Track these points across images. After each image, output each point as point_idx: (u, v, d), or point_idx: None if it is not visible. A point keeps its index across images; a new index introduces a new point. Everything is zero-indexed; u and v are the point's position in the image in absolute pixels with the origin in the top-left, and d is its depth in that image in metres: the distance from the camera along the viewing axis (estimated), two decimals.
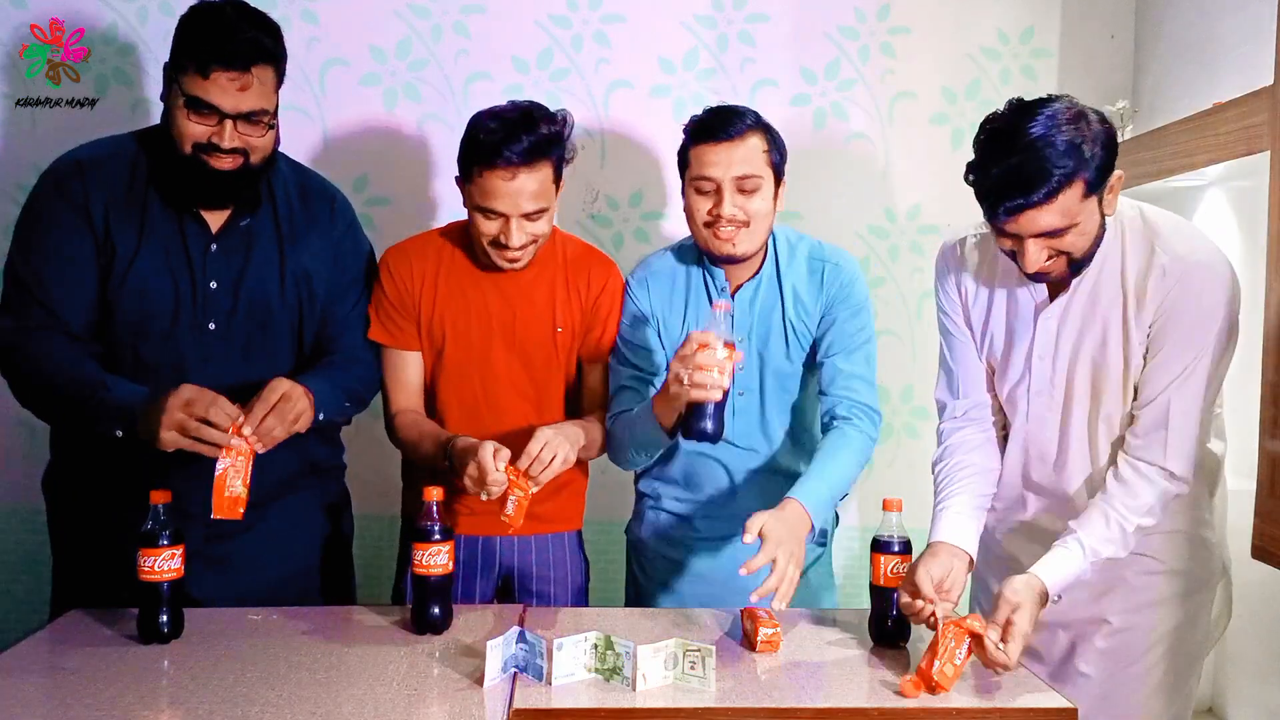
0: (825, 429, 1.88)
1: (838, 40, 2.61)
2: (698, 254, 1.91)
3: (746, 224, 1.80)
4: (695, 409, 1.63)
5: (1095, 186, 1.51)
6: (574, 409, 1.97)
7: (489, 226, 1.78)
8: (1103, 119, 1.53)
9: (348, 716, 1.34)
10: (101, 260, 1.70)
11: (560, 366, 1.92)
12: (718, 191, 1.79)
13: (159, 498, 1.56)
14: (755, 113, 1.84)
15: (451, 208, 1.80)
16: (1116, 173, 1.55)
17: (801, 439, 1.95)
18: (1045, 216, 1.49)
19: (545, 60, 2.59)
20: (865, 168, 2.63)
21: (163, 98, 1.69)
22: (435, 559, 1.63)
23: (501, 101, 2.53)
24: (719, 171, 1.78)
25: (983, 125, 1.56)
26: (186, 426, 1.54)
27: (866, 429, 1.86)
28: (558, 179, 1.81)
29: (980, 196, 1.53)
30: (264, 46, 1.65)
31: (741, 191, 1.79)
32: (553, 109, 1.80)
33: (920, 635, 1.66)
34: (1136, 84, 2.62)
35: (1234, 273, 1.61)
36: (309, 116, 2.57)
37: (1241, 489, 2.03)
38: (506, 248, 1.78)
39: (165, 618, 1.56)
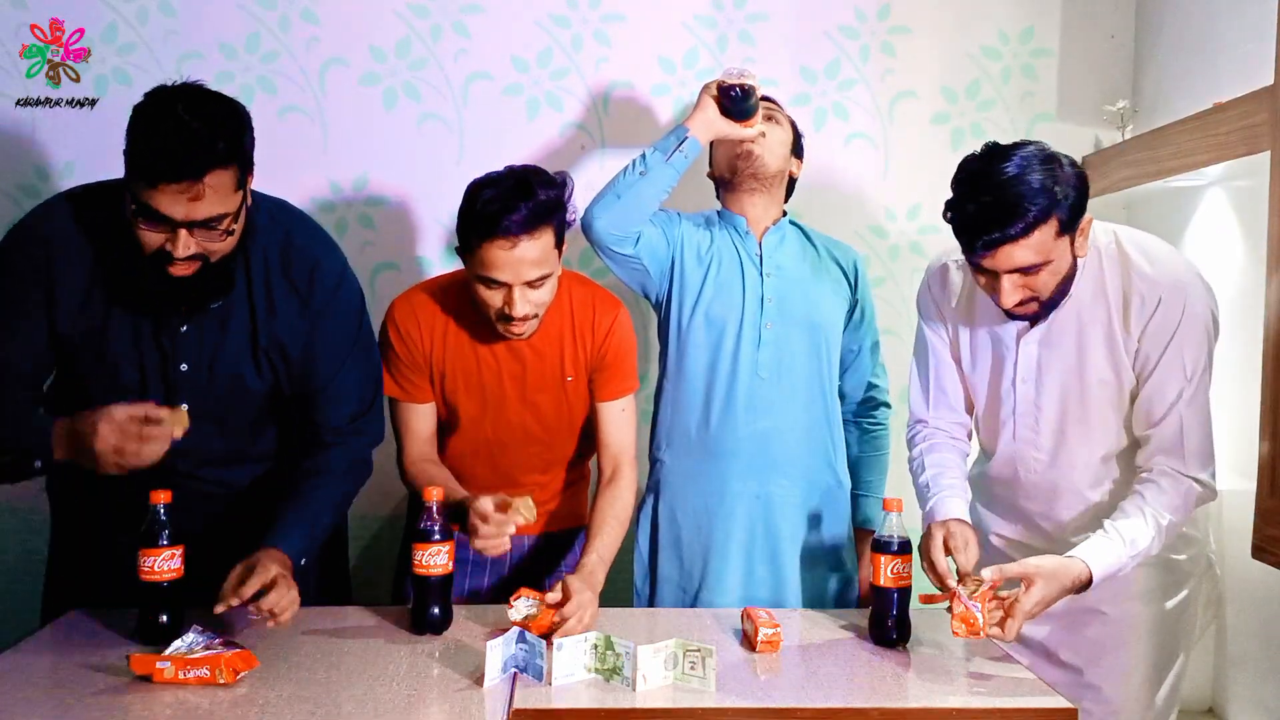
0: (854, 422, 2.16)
1: (838, 40, 2.61)
2: (719, 216, 2.11)
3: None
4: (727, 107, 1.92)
5: (1068, 226, 1.57)
6: (585, 445, 1.97)
7: (492, 297, 1.74)
8: (1074, 163, 1.60)
9: (348, 716, 1.34)
10: (56, 323, 1.61)
11: (572, 410, 1.92)
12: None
13: (159, 497, 1.56)
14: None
15: (450, 208, 1.79)
16: (1086, 216, 1.61)
17: (823, 380, 2.07)
18: (1020, 252, 1.54)
19: (545, 60, 2.58)
20: (865, 168, 2.63)
21: (123, 183, 1.53)
22: (435, 559, 1.63)
23: (501, 101, 2.57)
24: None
25: (959, 167, 1.61)
26: (124, 451, 1.46)
27: (882, 418, 2.18)
28: (559, 244, 1.77)
29: (958, 232, 1.59)
30: (217, 152, 1.47)
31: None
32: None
33: (920, 636, 1.66)
34: (1136, 84, 2.62)
35: (1206, 284, 1.67)
36: (309, 116, 2.57)
37: (1241, 489, 2.03)
38: (511, 319, 1.74)
39: (165, 618, 1.56)
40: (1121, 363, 1.67)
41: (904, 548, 1.62)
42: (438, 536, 1.62)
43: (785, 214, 2.10)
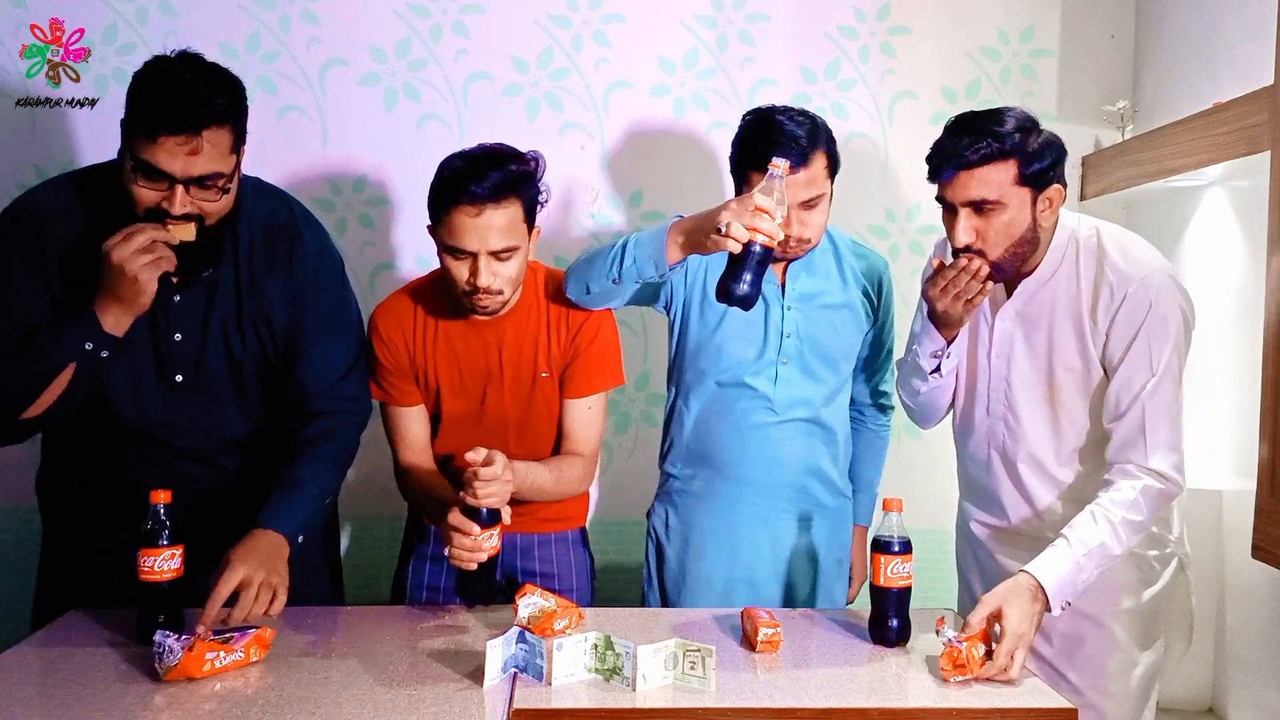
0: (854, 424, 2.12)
1: (838, 40, 2.61)
2: None
3: (809, 240, 1.88)
4: (736, 269, 1.57)
5: (1030, 180, 1.64)
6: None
7: (459, 269, 1.74)
8: (1055, 137, 1.69)
9: (348, 716, 1.34)
10: (58, 308, 1.63)
11: (549, 405, 1.91)
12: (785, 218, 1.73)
13: (159, 497, 1.55)
14: (818, 125, 1.84)
15: None
16: (1056, 186, 1.68)
17: (836, 405, 2.03)
18: (975, 184, 1.64)
19: (545, 60, 2.59)
20: (865, 168, 2.63)
21: (120, 153, 1.59)
22: (488, 542, 1.66)
23: (501, 101, 2.57)
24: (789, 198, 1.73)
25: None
26: (138, 256, 1.47)
27: (887, 421, 2.17)
28: (529, 220, 1.77)
29: (929, 163, 1.68)
30: (216, 108, 1.53)
31: (805, 208, 1.83)
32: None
33: (920, 637, 1.66)
34: (1136, 84, 2.62)
35: (1180, 285, 1.70)
36: (309, 116, 2.57)
37: (1241, 489, 2.03)
38: (478, 291, 1.74)
39: (165, 618, 1.56)
40: (1089, 352, 1.71)
41: (904, 548, 1.62)
42: (483, 517, 1.65)
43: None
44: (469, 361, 1.86)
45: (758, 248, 1.56)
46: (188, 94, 1.51)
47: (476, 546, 1.63)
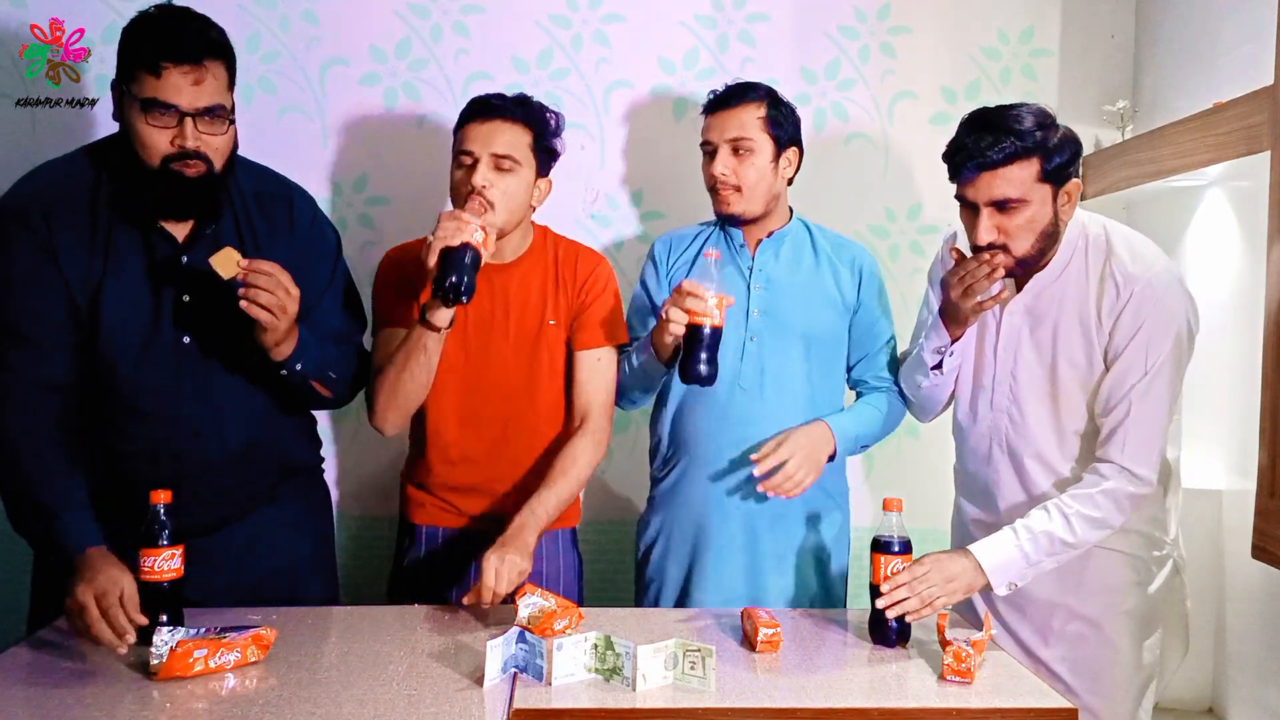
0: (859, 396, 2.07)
1: (838, 40, 2.61)
2: (718, 223, 2.07)
3: (738, 188, 1.95)
4: (690, 351, 1.74)
5: (1051, 176, 1.65)
6: (567, 396, 1.97)
7: (463, 179, 1.82)
8: (1071, 131, 1.70)
9: (348, 716, 1.35)
10: (70, 292, 1.65)
11: (553, 356, 1.93)
12: (715, 154, 1.97)
13: (159, 497, 1.56)
14: (765, 88, 1.99)
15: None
16: (1075, 181, 1.69)
17: (818, 398, 2.00)
18: (999, 182, 1.64)
19: (545, 60, 2.59)
20: (865, 168, 2.63)
21: (116, 116, 1.64)
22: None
23: None
24: (714, 135, 1.97)
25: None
26: (87, 619, 1.46)
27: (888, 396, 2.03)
28: (537, 153, 1.86)
29: (949, 162, 1.70)
30: (213, 40, 1.62)
31: (735, 154, 1.94)
32: (558, 109, 1.96)
33: (920, 637, 1.66)
34: (1136, 84, 2.62)
35: (1187, 290, 1.72)
36: (309, 116, 2.57)
37: (1241, 489, 2.04)
38: (472, 191, 1.79)
39: (165, 617, 1.56)
40: (1093, 349, 1.72)
41: (904, 547, 1.63)
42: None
43: (792, 216, 2.05)
44: (475, 307, 1.89)
45: (706, 331, 1.71)
46: (187, 27, 1.60)
47: (461, 226, 1.67)
